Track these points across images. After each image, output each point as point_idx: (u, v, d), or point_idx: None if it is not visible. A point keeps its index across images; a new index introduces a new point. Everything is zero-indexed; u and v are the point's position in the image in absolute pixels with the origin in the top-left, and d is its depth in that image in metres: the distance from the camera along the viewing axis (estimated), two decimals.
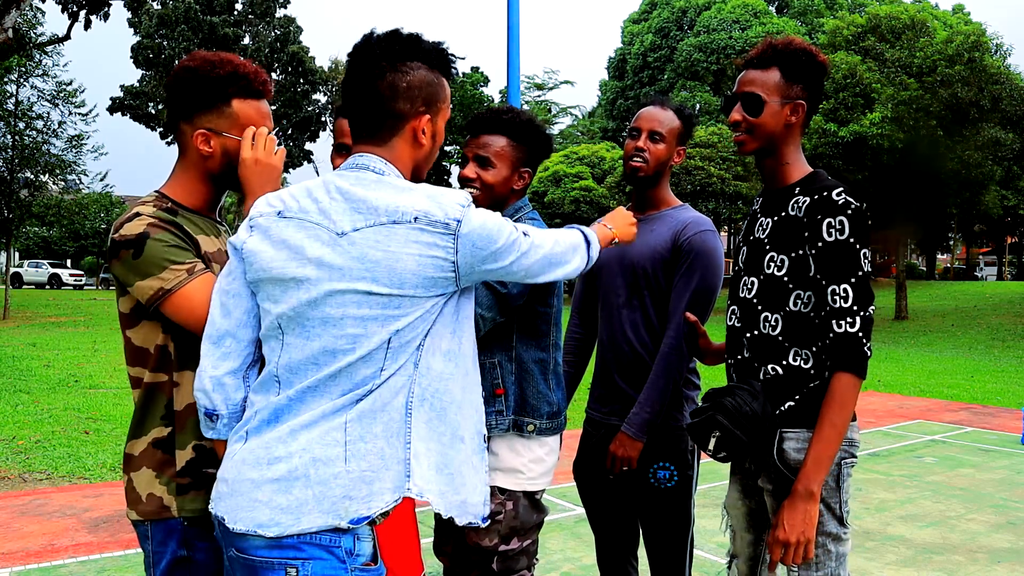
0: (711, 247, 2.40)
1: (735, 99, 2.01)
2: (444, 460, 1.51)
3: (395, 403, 1.46)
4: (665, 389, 2.37)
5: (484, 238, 1.49)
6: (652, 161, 2.46)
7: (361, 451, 1.42)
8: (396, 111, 1.54)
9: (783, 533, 1.81)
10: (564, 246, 1.68)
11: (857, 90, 21.28)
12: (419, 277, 1.44)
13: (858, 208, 1.85)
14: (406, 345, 1.47)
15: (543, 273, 1.63)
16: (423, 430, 1.48)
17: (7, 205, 19.11)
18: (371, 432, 1.43)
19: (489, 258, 1.51)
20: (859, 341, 1.80)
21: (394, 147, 1.56)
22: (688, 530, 2.46)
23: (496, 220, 1.54)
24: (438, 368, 1.50)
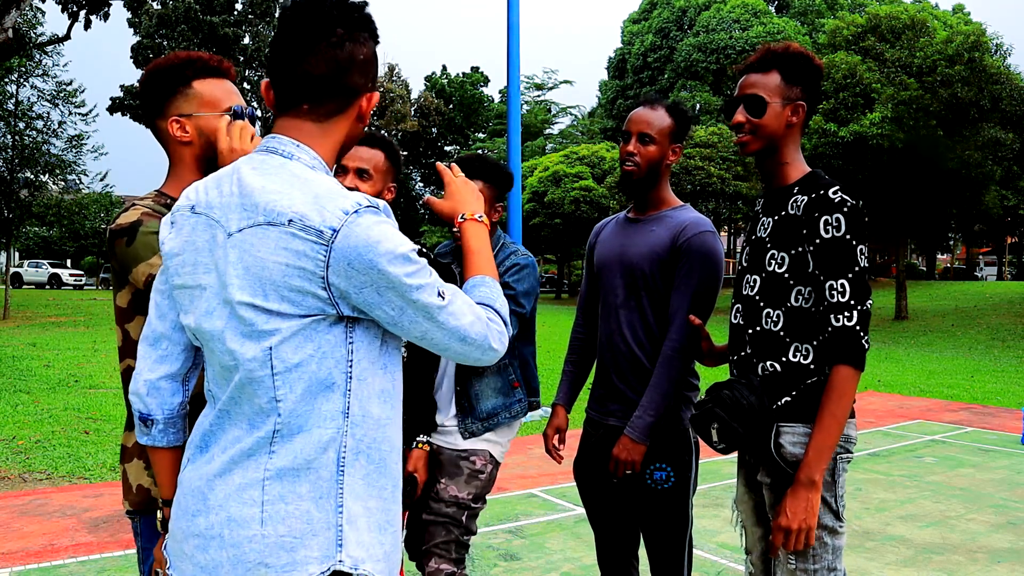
0: (711, 248, 2.40)
1: (737, 102, 2.07)
2: (388, 517, 1.34)
3: (323, 460, 1.27)
4: (667, 391, 2.37)
5: (363, 261, 1.24)
6: (643, 163, 2.46)
7: (281, 513, 1.24)
8: (351, 85, 1.35)
9: (785, 520, 1.88)
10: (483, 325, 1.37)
11: (857, 90, 21.27)
12: (284, 289, 1.24)
13: (854, 206, 1.91)
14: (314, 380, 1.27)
15: (449, 349, 1.34)
16: (360, 488, 1.29)
17: (7, 205, 19.11)
18: (294, 492, 1.25)
19: (367, 288, 1.25)
20: (856, 334, 1.86)
21: (334, 124, 1.37)
22: (686, 531, 2.47)
23: (392, 245, 1.25)
24: (375, 414, 1.32)
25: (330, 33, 1.32)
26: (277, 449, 1.26)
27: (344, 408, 1.29)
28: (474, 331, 1.34)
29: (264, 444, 1.27)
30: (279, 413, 1.27)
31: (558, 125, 52.58)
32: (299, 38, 1.32)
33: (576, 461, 2.65)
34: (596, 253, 2.67)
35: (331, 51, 1.32)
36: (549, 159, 37.93)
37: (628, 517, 2.58)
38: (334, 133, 1.38)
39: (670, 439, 2.42)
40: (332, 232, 1.23)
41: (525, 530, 4.63)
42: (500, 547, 4.33)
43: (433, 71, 59.36)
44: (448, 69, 53.79)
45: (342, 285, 1.24)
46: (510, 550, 4.29)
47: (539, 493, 5.43)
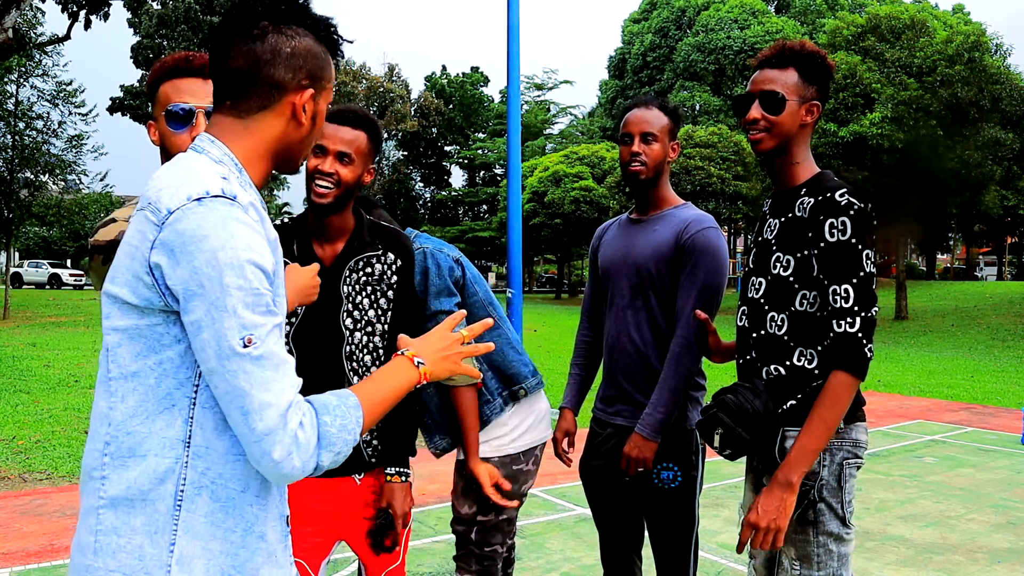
0: (714, 244, 2.40)
1: (751, 97, 2.01)
2: (234, 563, 1.20)
3: (160, 492, 1.16)
4: (677, 388, 2.36)
5: (185, 252, 1.12)
6: (650, 162, 2.47)
7: (112, 546, 1.16)
8: (275, 79, 1.27)
9: (755, 516, 1.85)
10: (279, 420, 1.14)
11: (857, 90, 21.29)
12: (127, 272, 1.17)
13: (861, 209, 1.86)
14: (150, 396, 1.17)
15: (228, 413, 1.15)
16: (200, 526, 1.17)
17: (7, 205, 19.11)
18: (128, 525, 1.16)
19: (179, 285, 1.12)
20: (858, 342, 1.82)
21: (258, 121, 1.28)
22: (692, 530, 2.47)
23: (220, 243, 1.12)
24: (222, 447, 1.19)
25: (252, 25, 1.27)
26: (109, 474, 1.17)
27: (185, 436, 1.17)
28: (261, 415, 1.12)
29: (98, 463, 1.19)
30: (109, 423, 1.18)
31: (558, 125, 52.61)
32: (223, 31, 1.28)
33: (582, 460, 2.65)
34: (600, 255, 2.67)
35: (250, 44, 1.26)
36: (549, 159, 37.93)
37: (633, 516, 2.58)
38: (258, 131, 1.29)
39: (677, 439, 2.42)
40: (168, 213, 1.14)
41: (525, 530, 4.63)
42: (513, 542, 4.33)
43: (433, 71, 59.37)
44: (448, 69, 53.86)
45: (164, 273, 1.14)
46: None
47: (539, 493, 5.42)
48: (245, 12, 1.27)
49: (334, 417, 1.21)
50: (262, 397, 1.12)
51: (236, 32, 1.27)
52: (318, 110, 1.34)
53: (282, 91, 1.28)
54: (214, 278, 1.11)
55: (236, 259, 1.12)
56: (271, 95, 1.28)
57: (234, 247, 1.13)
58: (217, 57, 1.28)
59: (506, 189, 8.97)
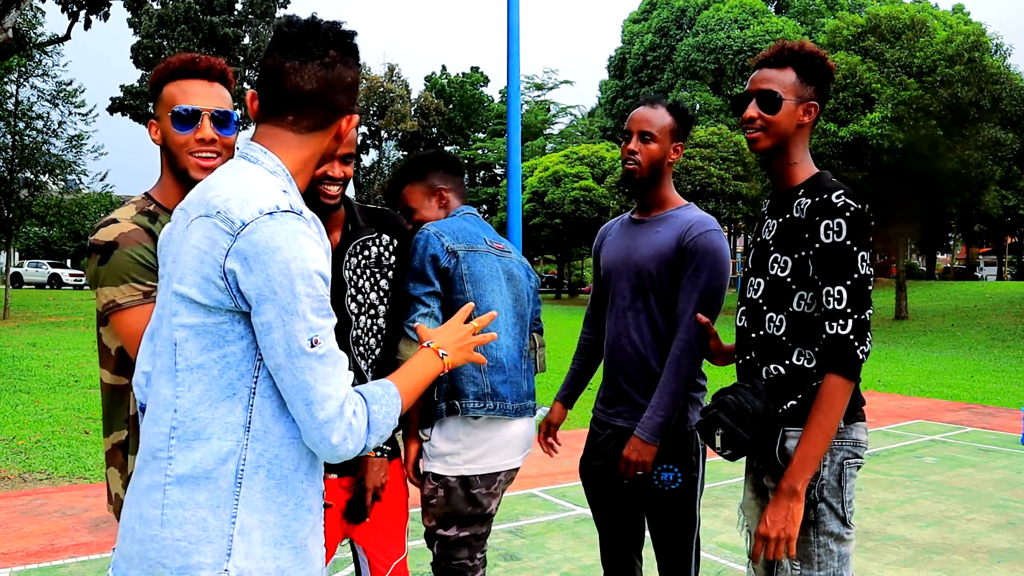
0: (716, 247, 2.38)
1: (748, 96, 2.02)
2: (286, 533, 1.34)
3: (222, 471, 1.29)
4: (677, 392, 2.35)
5: (258, 261, 1.25)
6: (645, 162, 2.45)
7: (179, 518, 1.28)
8: (338, 104, 1.43)
9: (764, 528, 1.85)
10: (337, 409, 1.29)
11: (857, 90, 21.28)
12: (197, 275, 1.28)
13: (858, 211, 1.86)
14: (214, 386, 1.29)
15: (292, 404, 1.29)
16: (258, 501, 1.31)
17: (7, 205, 19.10)
18: (193, 499, 1.28)
19: (253, 291, 1.25)
20: (850, 344, 1.82)
21: (312, 138, 1.43)
22: (693, 532, 2.46)
23: (291, 255, 1.25)
24: (278, 431, 1.32)
25: (324, 54, 1.40)
26: (175, 454, 1.29)
27: (246, 422, 1.30)
28: (323, 406, 1.28)
29: (163, 444, 1.30)
30: (176, 410, 1.30)
31: (558, 125, 52.61)
32: (295, 55, 1.39)
33: (582, 460, 2.65)
34: (602, 256, 2.66)
35: (323, 70, 1.40)
36: (549, 159, 37.94)
37: (633, 517, 2.58)
38: (311, 146, 1.43)
39: (677, 440, 2.41)
40: (242, 225, 1.26)
41: (525, 530, 4.63)
42: (500, 547, 4.33)
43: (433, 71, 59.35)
44: (448, 69, 53.87)
45: (238, 279, 1.26)
46: (510, 550, 4.28)
47: (539, 493, 5.43)
48: (318, 39, 1.40)
49: (381, 406, 1.37)
50: (324, 390, 1.28)
51: (308, 57, 1.39)
52: (350, 130, 1.51)
53: (339, 114, 1.45)
54: (286, 286, 1.25)
55: (305, 269, 1.26)
56: (331, 117, 1.43)
57: (304, 258, 1.27)
58: (285, 76, 1.39)
59: (506, 189, 8.96)
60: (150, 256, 1.68)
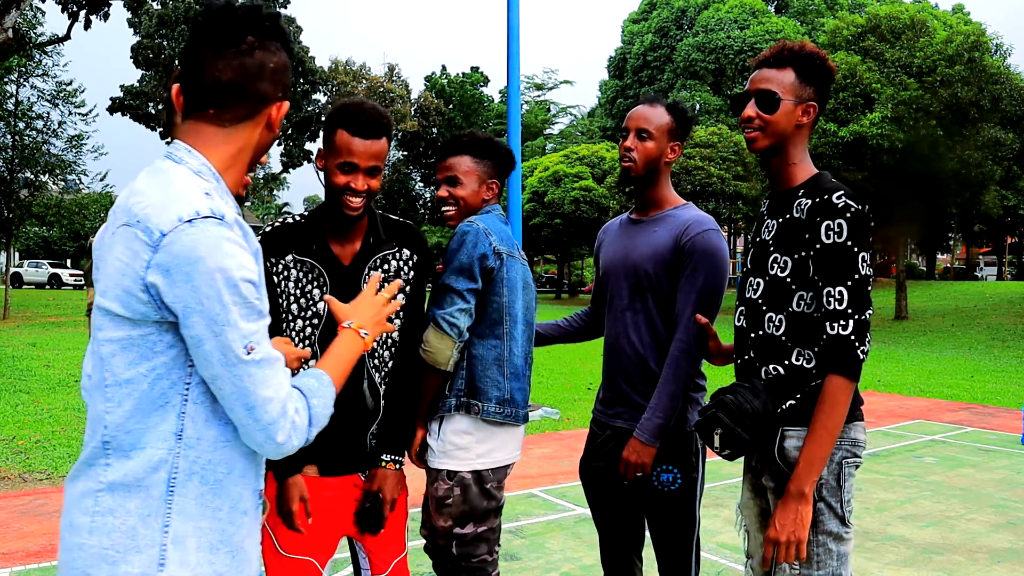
0: (715, 246, 2.37)
1: (747, 96, 2.03)
2: (222, 538, 1.33)
3: (154, 479, 1.27)
4: (676, 393, 2.34)
5: (181, 272, 1.21)
6: (641, 160, 2.44)
7: (108, 526, 1.26)
8: (261, 92, 1.36)
9: (774, 532, 1.86)
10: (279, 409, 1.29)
11: (857, 90, 21.28)
12: (118, 288, 1.24)
13: (858, 211, 1.86)
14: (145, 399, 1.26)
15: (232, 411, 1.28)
16: (192, 507, 1.29)
17: (7, 205, 19.10)
18: (124, 507, 1.26)
19: (179, 303, 1.22)
20: (851, 344, 1.83)
21: (240, 129, 1.37)
22: (693, 532, 2.46)
23: (215, 263, 1.21)
24: (211, 435, 1.30)
25: (240, 40, 1.33)
26: (112, 462, 1.27)
27: (177, 430, 1.28)
28: (266, 409, 1.27)
29: (99, 454, 1.29)
30: (105, 425, 1.28)
31: (558, 125, 52.63)
32: (209, 44, 1.33)
33: (582, 461, 2.64)
34: (601, 256, 2.66)
35: (240, 58, 1.33)
36: (549, 159, 37.94)
37: (633, 518, 2.57)
38: (237, 140, 1.37)
39: (677, 440, 2.40)
40: (161, 235, 1.22)
41: (525, 530, 4.63)
42: (500, 547, 4.33)
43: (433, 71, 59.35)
44: (448, 69, 53.82)
45: (160, 292, 1.22)
46: (510, 550, 4.28)
47: (539, 493, 5.42)
48: (232, 26, 1.33)
49: (319, 399, 1.38)
50: (265, 393, 1.27)
51: (223, 45, 1.33)
52: (281, 118, 1.43)
53: (265, 103, 1.38)
54: (213, 296, 1.22)
55: (231, 278, 1.23)
56: (256, 107, 1.37)
57: (228, 267, 1.23)
58: (202, 68, 1.33)
59: (506, 189, 8.96)
60: None
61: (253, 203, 61.28)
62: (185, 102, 1.37)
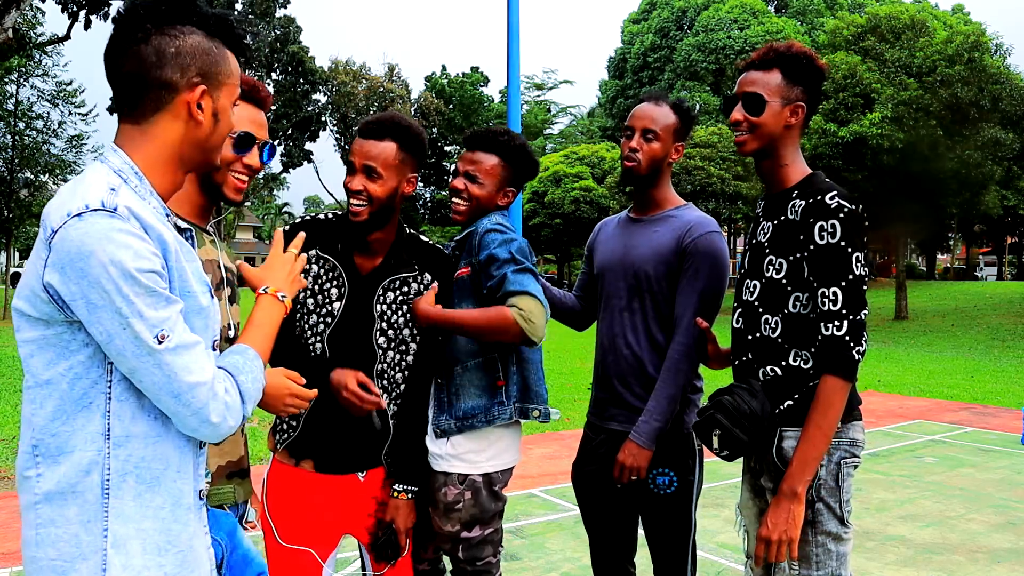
0: (717, 249, 2.35)
1: (736, 99, 2.03)
2: (168, 538, 1.28)
3: (87, 483, 1.23)
4: (674, 396, 2.32)
5: (74, 268, 1.15)
6: (645, 160, 2.41)
7: (52, 537, 1.23)
8: (163, 80, 1.27)
9: (766, 531, 1.86)
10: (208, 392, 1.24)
11: (857, 90, 21.28)
12: (27, 288, 1.22)
13: (851, 211, 1.86)
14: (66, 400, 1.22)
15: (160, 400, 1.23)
16: (131, 509, 1.24)
17: (7, 205, 19.13)
18: (64, 516, 1.22)
19: (79, 299, 1.16)
20: (846, 345, 1.83)
21: (155, 125, 1.29)
22: (690, 535, 2.43)
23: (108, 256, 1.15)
24: (141, 432, 1.25)
25: (137, 29, 1.27)
26: (43, 471, 1.24)
27: (104, 430, 1.23)
28: (194, 394, 1.23)
29: (30, 462, 1.25)
30: (32, 428, 1.25)
31: (558, 125, 52.64)
32: (113, 39, 1.29)
33: (575, 465, 2.61)
34: (597, 253, 2.62)
35: (136, 47, 1.27)
36: (549, 159, 37.95)
37: (627, 523, 2.55)
38: (156, 136, 1.30)
39: (673, 443, 2.39)
40: (52, 232, 1.18)
41: (525, 530, 4.63)
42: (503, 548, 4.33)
43: (433, 71, 59.37)
44: (448, 69, 53.81)
45: (58, 291, 1.18)
46: (510, 550, 4.28)
47: (539, 493, 5.43)
48: (130, 17, 1.27)
49: (247, 375, 1.34)
50: (189, 379, 1.22)
51: (125, 38, 1.27)
52: (219, 107, 1.33)
53: (173, 91, 1.29)
54: (111, 290, 1.16)
55: (126, 269, 1.16)
56: (162, 97, 1.29)
57: (122, 259, 1.16)
58: (109, 65, 1.29)
59: None
60: None
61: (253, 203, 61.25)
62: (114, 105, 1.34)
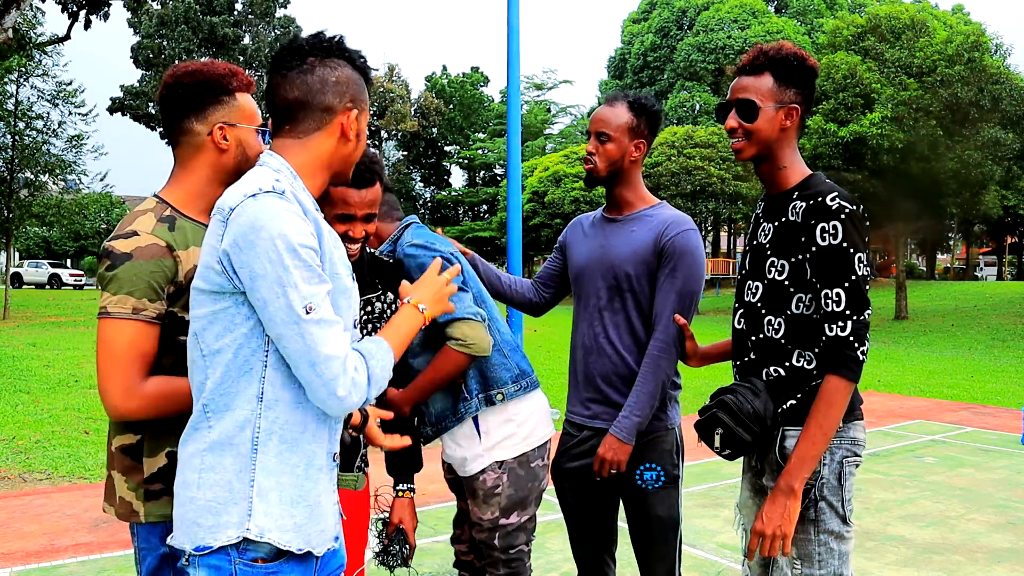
0: (693, 247, 2.38)
1: (729, 106, 2.03)
2: (300, 492, 1.46)
3: (241, 438, 1.42)
4: (654, 392, 2.34)
5: (246, 240, 1.36)
6: (602, 162, 2.43)
7: (210, 481, 1.42)
8: (325, 105, 1.52)
9: (760, 525, 1.87)
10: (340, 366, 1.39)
11: (857, 90, 21.28)
12: (203, 266, 1.43)
13: (852, 212, 1.86)
14: (232, 366, 1.41)
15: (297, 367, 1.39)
16: (273, 464, 1.43)
17: (7, 205, 19.09)
18: (222, 464, 1.42)
19: (244, 268, 1.36)
20: (850, 345, 1.83)
21: (314, 139, 1.53)
22: (677, 528, 2.45)
23: (276, 230, 1.35)
24: (288, 397, 1.44)
25: (302, 62, 1.52)
26: (213, 424, 1.43)
27: (259, 392, 1.42)
28: (328, 366, 1.38)
29: (201, 418, 1.45)
30: (203, 391, 1.44)
31: (558, 125, 52.61)
32: (278, 69, 1.53)
33: (555, 463, 2.60)
34: (572, 253, 2.62)
35: (303, 76, 1.51)
36: (549, 159, 37.93)
37: (607, 518, 2.56)
38: (312, 148, 1.53)
39: (659, 438, 2.41)
40: (230, 211, 1.39)
41: None
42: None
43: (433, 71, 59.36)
44: (448, 69, 53.80)
45: (232, 260, 1.37)
46: None
47: None
48: (296, 51, 1.53)
49: (377, 361, 1.48)
50: (325, 351, 1.37)
51: (289, 68, 1.52)
52: (360, 128, 1.58)
53: (332, 113, 1.53)
54: (275, 260, 1.35)
55: (290, 243, 1.35)
56: (323, 118, 1.53)
57: (286, 233, 1.36)
58: (274, 92, 1.53)
59: (506, 189, 8.97)
60: (159, 276, 1.66)
61: None
62: (272, 126, 1.57)
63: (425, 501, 4.89)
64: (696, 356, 2.35)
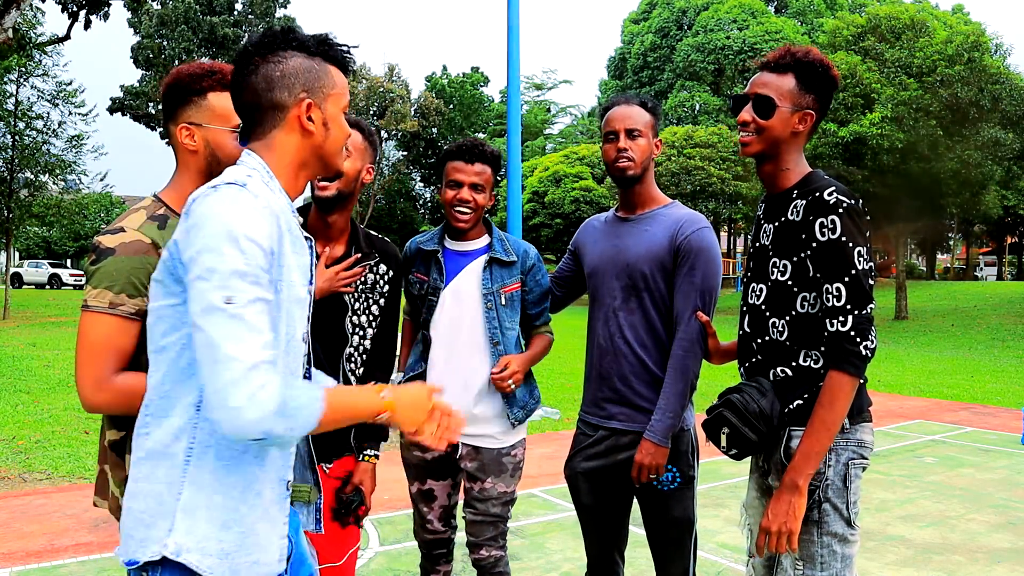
0: (709, 244, 2.39)
1: (746, 99, 2.01)
2: (234, 516, 1.34)
3: (176, 448, 1.34)
4: (684, 392, 2.35)
5: (195, 228, 1.29)
6: (638, 158, 2.46)
7: (144, 491, 1.35)
8: (274, 102, 1.45)
9: (766, 521, 1.87)
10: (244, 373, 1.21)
11: (857, 90, 21.27)
12: (162, 260, 1.39)
13: (851, 206, 1.85)
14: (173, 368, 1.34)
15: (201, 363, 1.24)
16: (206, 480, 1.33)
17: (7, 205, 19.07)
18: (155, 474, 1.35)
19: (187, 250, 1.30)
20: (851, 340, 1.82)
21: (274, 139, 1.46)
22: (692, 530, 2.46)
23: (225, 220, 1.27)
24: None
25: (248, 64, 1.46)
26: (150, 430, 1.37)
27: (196, 401, 1.34)
28: (228, 366, 1.20)
29: (142, 422, 1.40)
30: (149, 389, 1.40)
31: (558, 125, 52.61)
32: (233, 78, 1.48)
33: (568, 463, 2.61)
34: (586, 254, 2.63)
35: (248, 79, 1.45)
36: (549, 159, 37.93)
37: (620, 518, 2.57)
38: (278, 148, 1.47)
39: (676, 439, 2.40)
40: (192, 202, 1.35)
41: (525, 530, 4.63)
42: None
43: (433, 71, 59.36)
44: (448, 69, 53.77)
45: (180, 248, 1.33)
46: (510, 550, 4.28)
47: (539, 493, 5.43)
48: (242, 55, 1.47)
49: (299, 395, 1.28)
50: (230, 350, 1.22)
51: (238, 73, 1.47)
52: (328, 116, 1.49)
53: (284, 110, 1.46)
54: (213, 247, 1.26)
55: (233, 232, 1.27)
56: (277, 116, 1.46)
57: (233, 221, 1.28)
58: (235, 99, 1.49)
59: (506, 189, 8.96)
60: (141, 272, 1.65)
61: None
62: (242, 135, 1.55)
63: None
64: (718, 353, 2.36)
